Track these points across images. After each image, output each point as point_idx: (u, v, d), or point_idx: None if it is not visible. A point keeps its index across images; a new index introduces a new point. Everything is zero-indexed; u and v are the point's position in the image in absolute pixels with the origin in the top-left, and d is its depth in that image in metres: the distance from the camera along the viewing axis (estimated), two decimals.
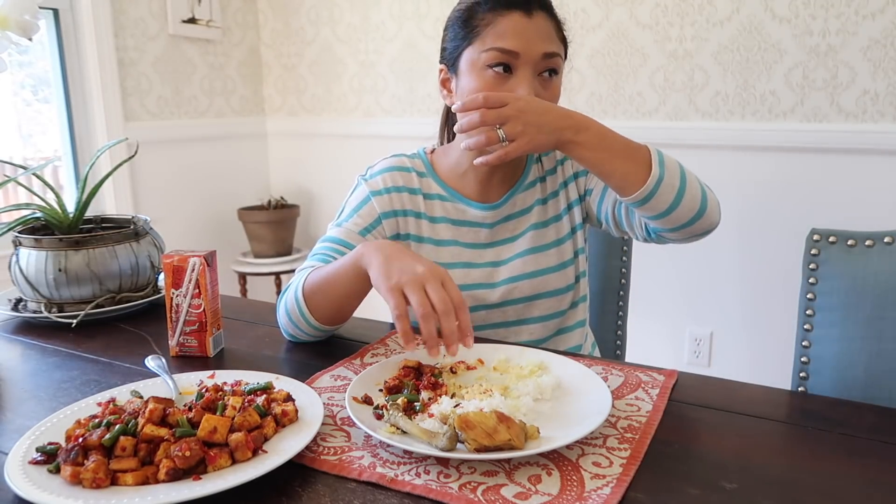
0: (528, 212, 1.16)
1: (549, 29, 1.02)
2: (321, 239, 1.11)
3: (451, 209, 1.15)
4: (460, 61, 1.05)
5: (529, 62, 1.00)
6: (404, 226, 1.14)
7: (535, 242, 1.14)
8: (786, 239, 2.18)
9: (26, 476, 0.63)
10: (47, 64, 2.40)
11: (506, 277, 1.13)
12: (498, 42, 1.00)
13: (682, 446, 0.71)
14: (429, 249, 1.14)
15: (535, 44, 1.00)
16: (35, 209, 1.18)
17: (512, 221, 1.15)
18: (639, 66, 2.32)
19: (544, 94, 1.03)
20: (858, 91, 2.03)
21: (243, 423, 0.68)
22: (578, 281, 1.17)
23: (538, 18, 1.01)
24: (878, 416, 0.79)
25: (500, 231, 1.15)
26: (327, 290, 0.95)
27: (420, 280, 0.80)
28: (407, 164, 1.17)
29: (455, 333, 0.79)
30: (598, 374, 0.85)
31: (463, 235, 1.14)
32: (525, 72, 1.01)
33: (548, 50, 1.01)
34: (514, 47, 1.00)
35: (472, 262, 1.13)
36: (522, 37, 1.00)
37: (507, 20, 1.01)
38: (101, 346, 1.03)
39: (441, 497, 0.61)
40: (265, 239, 2.88)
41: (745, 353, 2.34)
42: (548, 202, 1.17)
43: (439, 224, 1.14)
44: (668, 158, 0.97)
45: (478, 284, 1.13)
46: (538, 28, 1.01)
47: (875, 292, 1.06)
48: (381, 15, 2.79)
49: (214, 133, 2.91)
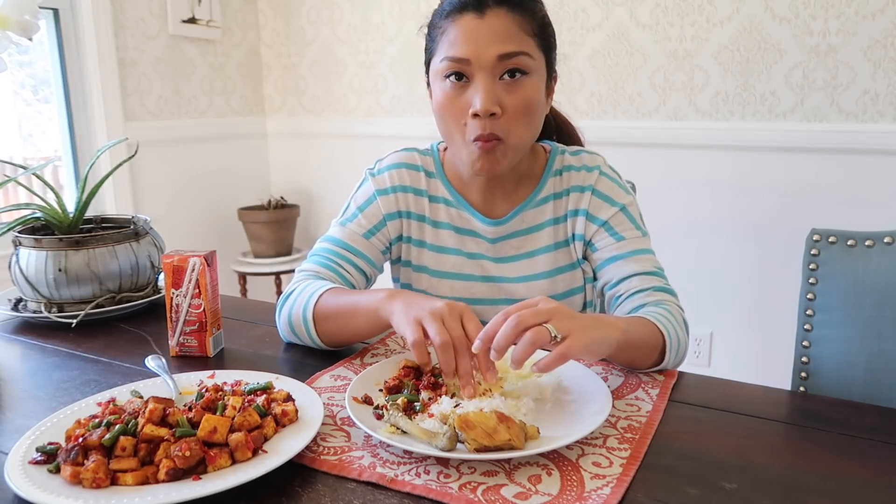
0: (538, 230, 1.09)
1: (506, 26, 0.94)
2: (323, 237, 1.10)
3: (456, 216, 1.10)
4: (429, 72, 1.02)
5: (484, 67, 0.94)
6: (407, 228, 1.12)
7: (545, 267, 1.08)
8: (786, 239, 2.18)
9: (26, 476, 0.63)
10: (47, 64, 2.40)
11: (509, 298, 1.08)
12: (449, 50, 0.95)
13: (682, 446, 0.71)
14: (429, 256, 1.11)
15: (486, 47, 0.93)
16: (35, 209, 1.18)
17: (518, 239, 1.09)
18: (639, 66, 2.32)
19: (509, 98, 0.95)
20: (858, 91, 2.02)
21: (243, 423, 0.68)
22: (584, 310, 1.12)
23: (492, 17, 0.94)
24: (878, 416, 0.79)
25: (504, 247, 1.09)
26: (341, 323, 0.94)
27: (439, 313, 0.78)
28: (417, 162, 1.13)
29: (470, 373, 0.76)
30: (598, 374, 0.85)
31: (466, 245, 1.10)
32: (480, 78, 0.94)
33: (503, 51, 0.93)
34: (462, 54, 0.94)
35: (475, 274, 1.09)
36: (472, 41, 0.93)
37: (457, 25, 0.95)
38: (101, 346, 1.03)
39: (441, 497, 0.61)
40: (265, 239, 2.88)
41: (745, 353, 2.34)
42: (559, 224, 1.09)
43: (443, 230, 1.11)
44: (679, 341, 0.92)
45: (480, 300, 1.09)
46: (491, 28, 0.93)
47: (875, 292, 1.06)
48: (381, 15, 2.79)
49: (214, 133, 2.91)
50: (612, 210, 1.06)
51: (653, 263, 1.05)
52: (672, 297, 1.03)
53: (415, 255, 1.12)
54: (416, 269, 1.13)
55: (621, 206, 1.06)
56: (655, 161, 2.34)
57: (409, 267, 1.13)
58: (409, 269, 1.13)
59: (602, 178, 1.08)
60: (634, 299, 1.01)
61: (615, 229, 1.05)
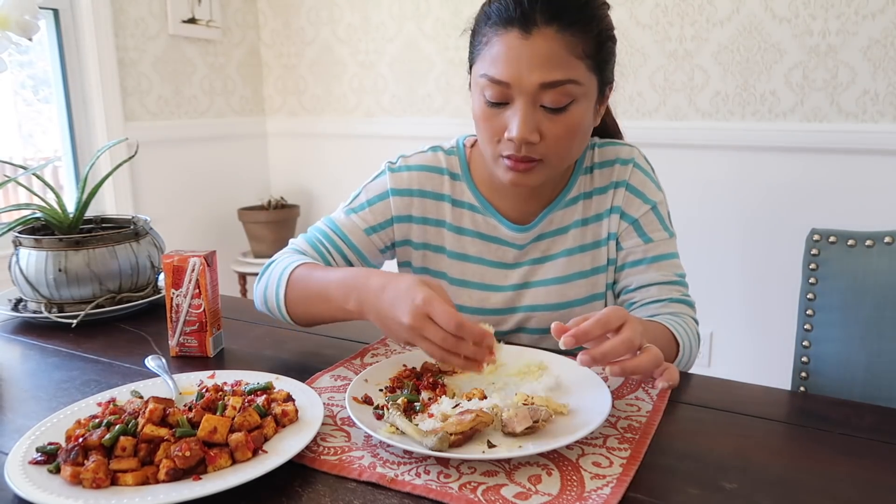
0: (564, 232, 1.04)
1: (554, 50, 0.86)
2: (326, 218, 1.07)
3: (482, 223, 1.05)
4: (471, 74, 0.96)
5: (524, 94, 0.87)
6: (420, 234, 1.08)
7: (565, 270, 1.04)
8: (786, 239, 2.18)
9: (26, 476, 0.63)
10: (47, 64, 2.40)
11: (526, 304, 1.05)
12: (489, 69, 0.89)
13: (682, 446, 0.71)
14: (449, 263, 1.07)
15: (528, 72, 0.86)
16: (35, 209, 1.18)
17: (545, 241, 1.05)
18: (639, 66, 2.32)
19: (550, 125, 0.89)
20: (858, 91, 2.02)
21: (243, 423, 0.68)
22: None
23: (539, 39, 0.86)
24: (878, 416, 0.79)
25: (531, 251, 1.05)
26: (310, 305, 0.93)
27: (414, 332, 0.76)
28: (442, 164, 1.07)
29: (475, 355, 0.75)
30: (598, 374, 0.85)
31: (491, 252, 1.06)
32: (520, 105, 0.88)
33: (547, 79, 0.86)
34: (502, 77, 0.87)
35: (495, 284, 1.06)
36: (513, 64, 0.87)
37: (501, 41, 0.88)
38: (101, 346, 1.03)
39: (441, 497, 0.61)
40: (265, 239, 2.88)
41: (745, 353, 2.34)
42: (588, 225, 1.05)
43: (466, 237, 1.06)
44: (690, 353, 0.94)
45: (494, 310, 1.06)
46: (536, 51, 0.86)
47: (875, 292, 1.06)
48: (381, 15, 2.79)
49: (214, 133, 2.91)
50: (643, 208, 1.03)
51: (674, 270, 1.04)
52: (688, 309, 1.02)
53: (432, 261, 1.08)
54: (433, 275, 1.08)
55: (653, 204, 1.04)
56: (655, 161, 2.30)
57: (426, 274, 1.09)
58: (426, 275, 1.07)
59: (636, 172, 1.04)
60: (649, 308, 1.00)
61: (644, 229, 1.03)
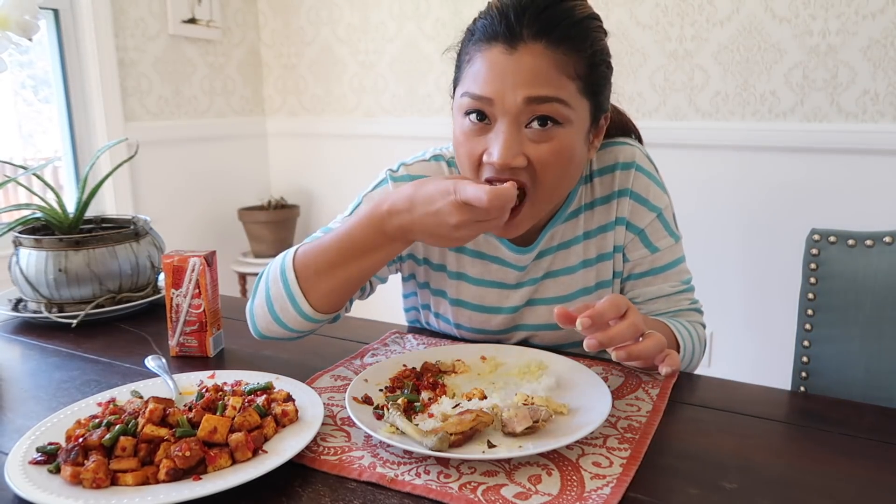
0: (567, 248, 1.00)
1: (541, 67, 0.80)
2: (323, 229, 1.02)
3: (483, 242, 1.00)
4: (454, 97, 0.89)
5: (508, 111, 0.80)
6: (425, 249, 1.03)
7: (568, 288, 1.00)
8: (786, 239, 2.18)
9: (26, 476, 0.63)
10: (47, 64, 2.40)
11: (528, 324, 1.02)
12: (471, 86, 0.82)
13: (682, 446, 0.71)
14: (448, 283, 1.02)
15: (513, 87, 0.79)
16: (35, 209, 1.18)
17: (547, 259, 1.00)
18: (639, 66, 2.32)
19: (536, 149, 0.81)
20: (858, 91, 2.03)
21: (243, 423, 0.68)
22: None
23: (525, 54, 0.79)
24: (878, 416, 0.79)
25: (533, 270, 1.00)
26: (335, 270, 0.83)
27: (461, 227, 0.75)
28: (444, 174, 1.00)
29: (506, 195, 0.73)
30: (598, 374, 0.85)
31: (492, 273, 1.01)
32: (503, 123, 0.81)
33: (532, 94, 0.79)
34: (484, 92, 0.81)
35: (496, 306, 1.01)
36: (497, 79, 0.80)
37: (484, 57, 0.82)
38: (101, 346, 1.03)
39: (441, 497, 0.61)
40: (265, 239, 2.88)
41: (745, 353, 2.34)
42: (592, 238, 1.00)
43: (465, 257, 1.01)
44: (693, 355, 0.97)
45: (498, 331, 1.02)
46: (521, 66, 0.79)
47: (875, 292, 1.06)
48: (381, 15, 2.79)
49: (214, 133, 2.91)
50: (649, 216, 0.99)
51: (681, 277, 1.03)
52: (696, 316, 1.03)
53: (434, 279, 1.05)
54: (434, 293, 1.06)
55: (658, 211, 0.99)
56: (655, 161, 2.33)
57: (428, 289, 1.07)
58: (428, 291, 1.07)
59: (639, 176, 0.99)
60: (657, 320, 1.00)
61: (650, 238, 1.00)
